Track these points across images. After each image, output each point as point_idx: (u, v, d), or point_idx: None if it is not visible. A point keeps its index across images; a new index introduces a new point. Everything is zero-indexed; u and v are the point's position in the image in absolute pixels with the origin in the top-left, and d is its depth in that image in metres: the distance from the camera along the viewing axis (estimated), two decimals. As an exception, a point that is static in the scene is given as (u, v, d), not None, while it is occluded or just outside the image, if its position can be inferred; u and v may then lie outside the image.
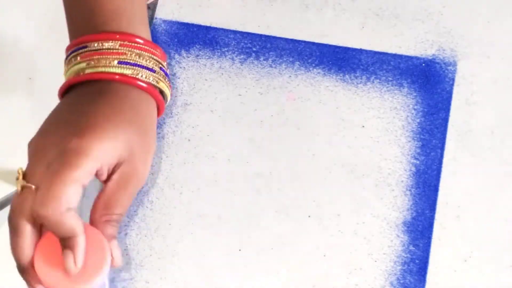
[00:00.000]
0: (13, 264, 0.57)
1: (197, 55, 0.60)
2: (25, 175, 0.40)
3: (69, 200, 0.39)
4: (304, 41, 0.60)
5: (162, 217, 0.57)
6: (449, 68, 0.59)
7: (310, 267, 0.55)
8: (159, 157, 0.58)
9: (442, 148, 0.57)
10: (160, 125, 0.59)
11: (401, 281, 0.55)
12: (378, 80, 0.59)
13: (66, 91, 0.45)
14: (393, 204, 0.56)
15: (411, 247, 0.55)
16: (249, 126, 0.58)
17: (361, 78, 0.59)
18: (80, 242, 0.39)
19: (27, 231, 0.40)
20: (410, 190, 0.57)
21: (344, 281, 0.55)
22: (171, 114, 0.59)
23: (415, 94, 0.59)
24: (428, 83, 0.59)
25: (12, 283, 0.56)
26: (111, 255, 0.41)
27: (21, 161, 0.45)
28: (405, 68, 0.59)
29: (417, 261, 0.55)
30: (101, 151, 0.40)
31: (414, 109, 0.58)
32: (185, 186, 0.57)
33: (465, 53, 0.60)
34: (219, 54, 0.60)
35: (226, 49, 0.60)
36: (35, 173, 0.40)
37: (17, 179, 0.40)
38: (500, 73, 0.59)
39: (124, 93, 0.43)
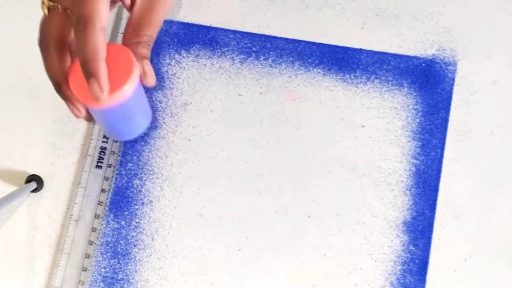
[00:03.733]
0: (12, 264, 0.57)
1: (197, 55, 0.60)
2: None
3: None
4: (304, 41, 0.60)
5: (162, 217, 0.57)
6: (449, 68, 0.59)
7: (310, 267, 0.55)
8: (159, 157, 0.58)
9: (442, 148, 0.57)
10: (160, 125, 0.59)
11: (401, 281, 0.55)
12: (378, 80, 0.59)
13: None
14: (393, 204, 0.56)
15: (411, 247, 0.55)
16: (249, 126, 0.58)
17: (361, 78, 0.59)
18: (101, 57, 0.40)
19: (56, 50, 0.42)
20: (410, 190, 0.57)
21: (344, 281, 0.55)
22: (171, 114, 0.59)
23: (415, 94, 0.59)
24: (428, 83, 0.59)
25: (12, 283, 0.56)
26: (145, 73, 0.42)
27: (21, 161, 0.45)
28: (405, 68, 0.59)
29: (417, 261, 0.55)
30: None
31: (414, 109, 0.58)
32: (185, 186, 0.57)
33: (465, 53, 0.60)
34: (219, 54, 0.60)
35: (226, 49, 0.60)
36: None
37: (43, 3, 0.42)
38: (500, 73, 0.59)
39: None
